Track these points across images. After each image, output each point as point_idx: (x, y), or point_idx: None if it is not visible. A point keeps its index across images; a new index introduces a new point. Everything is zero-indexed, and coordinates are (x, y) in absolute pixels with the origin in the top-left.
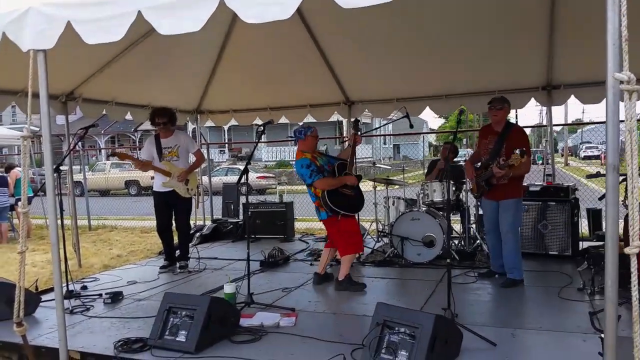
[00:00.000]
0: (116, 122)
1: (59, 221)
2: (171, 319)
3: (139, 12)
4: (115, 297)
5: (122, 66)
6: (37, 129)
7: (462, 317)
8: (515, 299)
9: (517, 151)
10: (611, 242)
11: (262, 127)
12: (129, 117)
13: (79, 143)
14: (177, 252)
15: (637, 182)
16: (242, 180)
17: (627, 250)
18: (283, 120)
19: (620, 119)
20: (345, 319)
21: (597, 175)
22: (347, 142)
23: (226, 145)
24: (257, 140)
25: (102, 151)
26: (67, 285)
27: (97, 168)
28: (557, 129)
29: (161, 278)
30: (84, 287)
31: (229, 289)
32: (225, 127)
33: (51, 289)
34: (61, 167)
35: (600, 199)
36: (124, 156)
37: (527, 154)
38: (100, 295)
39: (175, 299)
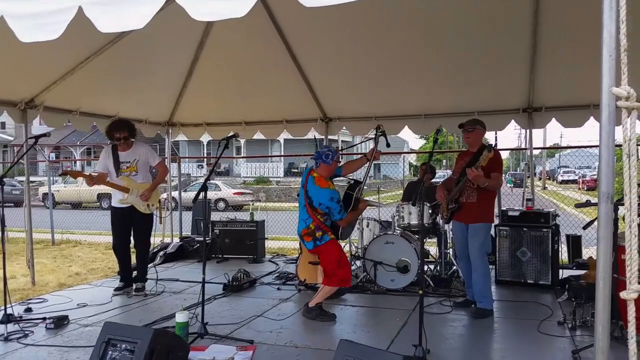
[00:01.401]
0: (92, 134)
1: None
2: (110, 353)
3: (80, 7)
4: (59, 322)
5: (88, 74)
6: (12, 139)
7: (435, 353)
8: (493, 333)
9: (485, 149)
10: (603, 284)
11: (225, 140)
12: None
13: (52, 154)
14: (135, 273)
15: (636, 214)
16: (201, 196)
17: (623, 295)
18: (260, 136)
19: (617, 141)
20: (307, 354)
21: (587, 204)
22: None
23: (205, 159)
24: (218, 156)
25: (77, 162)
26: (6, 308)
27: (70, 180)
28: (536, 152)
29: (114, 301)
30: (28, 310)
31: (180, 317)
32: (205, 142)
33: None
34: (4, 179)
35: (585, 227)
36: (76, 174)
37: (498, 170)
38: (44, 319)
39: (115, 330)
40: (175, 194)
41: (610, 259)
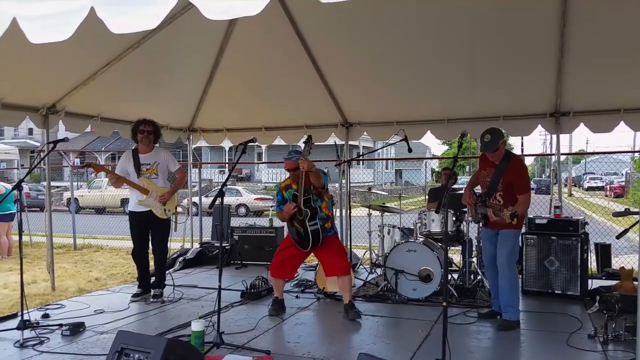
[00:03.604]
0: (117, 140)
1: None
2: None
3: (92, 8)
4: (75, 329)
5: (109, 79)
6: (39, 144)
7: None
8: (519, 346)
9: (509, 211)
10: None
11: (242, 145)
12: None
13: (77, 160)
14: (152, 279)
15: None
16: (217, 202)
17: None
18: (282, 142)
19: None
20: None
21: (627, 212)
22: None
23: (226, 165)
24: (235, 161)
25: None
26: (22, 315)
27: (94, 185)
28: (562, 158)
29: (131, 308)
30: (46, 316)
31: (196, 326)
32: (226, 147)
33: (9, 316)
34: (23, 184)
35: (619, 236)
36: (98, 168)
37: (526, 189)
38: (60, 325)
39: (128, 339)
40: (196, 199)
41: None
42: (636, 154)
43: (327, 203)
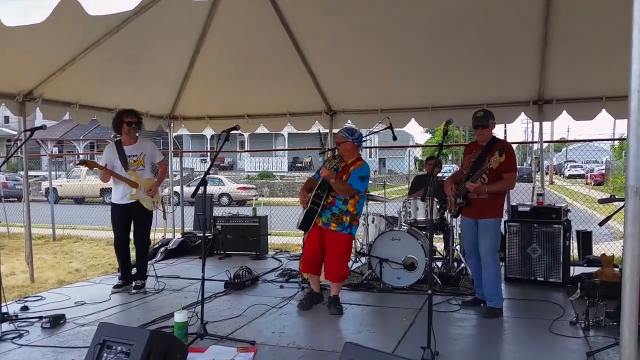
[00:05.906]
0: (95, 128)
1: None
2: (104, 355)
3: None
4: (56, 321)
5: (87, 65)
6: (15, 133)
7: (443, 355)
8: (503, 333)
9: (497, 152)
10: (630, 286)
11: (225, 133)
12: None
13: (55, 149)
14: (134, 270)
15: None
16: (200, 191)
17: None
18: (265, 130)
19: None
20: (310, 356)
21: (612, 199)
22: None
23: (208, 153)
24: (218, 149)
25: (81, 157)
26: (0, 307)
27: (73, 174)
28: (544, 146)
29: (113, 299)
30: (25, 308)
31: (179, 317)
32: (208, 136)
33: None
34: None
35: (602, 224)
36: (93, 165)
37: (513, 169)
38: (40, 318)
39: (110, 331)
40: (177, 188)
41: (637, 259)
42: (616, 142)
43: (358, 201)
